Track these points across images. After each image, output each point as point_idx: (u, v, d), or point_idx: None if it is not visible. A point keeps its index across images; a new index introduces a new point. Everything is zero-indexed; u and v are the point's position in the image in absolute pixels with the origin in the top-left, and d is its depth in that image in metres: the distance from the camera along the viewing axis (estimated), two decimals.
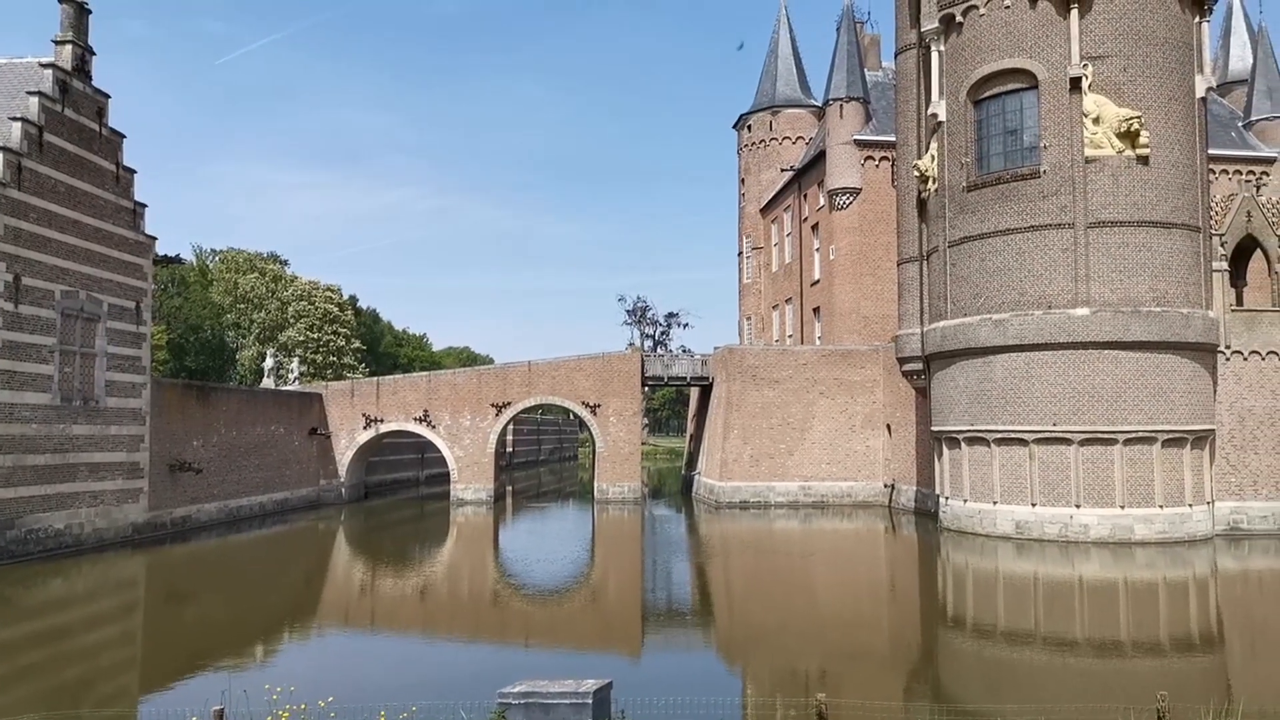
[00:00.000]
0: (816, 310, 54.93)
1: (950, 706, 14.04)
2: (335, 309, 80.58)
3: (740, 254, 67.77)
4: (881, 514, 41.00)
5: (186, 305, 74.40)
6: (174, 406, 34.46)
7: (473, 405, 46.75)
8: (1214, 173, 43.07)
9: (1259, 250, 34.08)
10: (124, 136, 31.84)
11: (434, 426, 46.69)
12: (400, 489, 56.62)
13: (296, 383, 51.91)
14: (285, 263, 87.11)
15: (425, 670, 16.22)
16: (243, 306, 77.92)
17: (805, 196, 56.83)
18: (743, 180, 65.85)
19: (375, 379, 49.53)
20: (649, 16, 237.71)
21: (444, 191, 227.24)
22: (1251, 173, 50.82)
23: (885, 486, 43.65)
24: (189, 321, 73.86)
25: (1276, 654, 17.87)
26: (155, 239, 33.57)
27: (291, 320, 77.32)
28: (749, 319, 66.75)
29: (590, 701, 9.30)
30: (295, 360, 58.01)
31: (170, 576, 27.08)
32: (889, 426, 43.51)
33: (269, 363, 50.36)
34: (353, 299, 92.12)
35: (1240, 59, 55.01)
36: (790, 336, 59.18)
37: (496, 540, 36.09)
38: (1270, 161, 51.41)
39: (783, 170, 60.22)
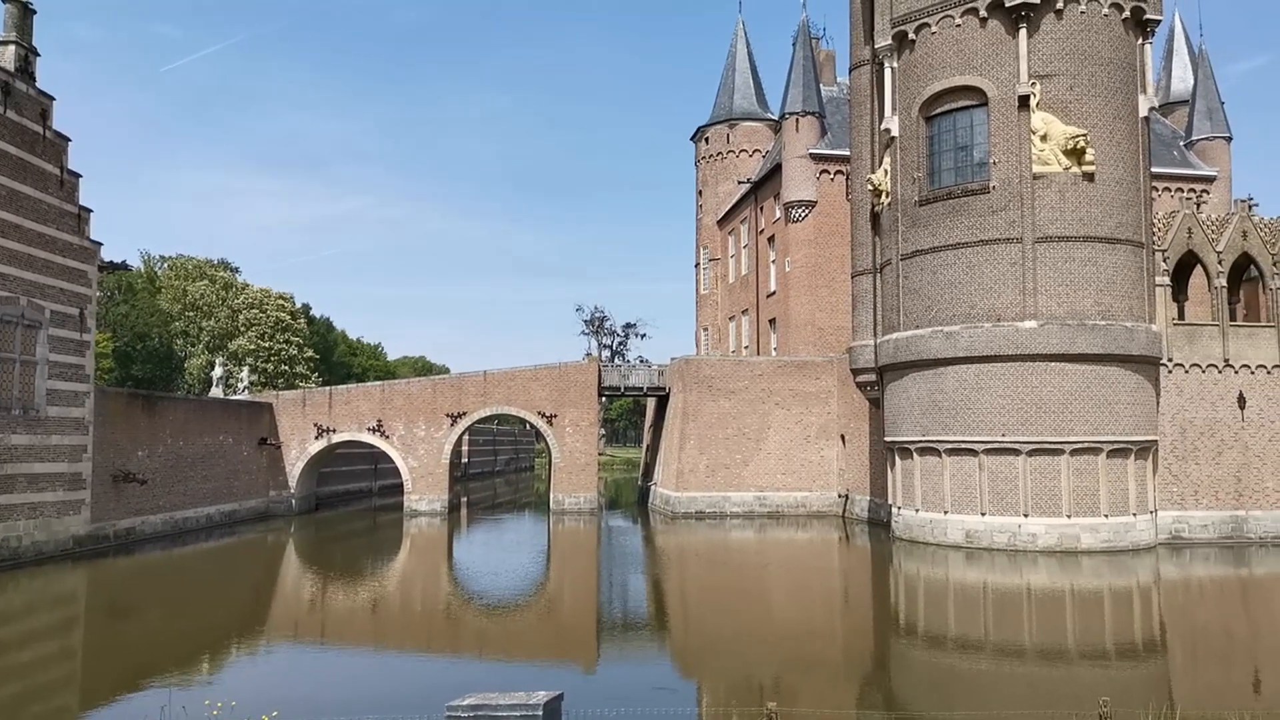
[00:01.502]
0: (772, 321, 55.36)
1: (901, 714, 14.16)
2: (287, 317, 79.37)
3: (697, 265, 68.11)
4: (836, 524, 41.34)
5: (133, 313, 72.80)
6: (118, 416, 33.65)
7: (427, 415, 46.31)
8: (1156, 190, 44.28)
9: (1199, 266, 35.06)
10: (69, 140, 31.11)
11: (388, 437, 46.15)
12: (353, 500, 55.82)
13: (246, 392, 51.01)
14: (236, 270, 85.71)
15: (375, 684, 15.97)
16: (192, 314, 76.45)
17: (761, 209, 57.33)
18: (700, 192, 66.23)
19: (328, 388, 48.84)
20: (607, 28, 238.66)
21: (400, 200, 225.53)
22: (1192, 190, 52.38)
23: (839, 496, 44.03)
24: (135, 329, 72.25)
25: (1216, 660, 18.31)
26: (101, 245, 32.81)
27: (242, 328, 76.00)
28: (706, 330, 67.05)
29: (541, 713, 9.23)
30: (245, 369, 57.01)
31: (112, 590, 26.37)
32: (843, 437, 43.93)
33: (218, 371, 49.42)
34: (305, 307, 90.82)
35: (1182, 80, 56.66)
36: (746, 347, 59.55)
37: (451, 552, 35.72)
38: (1210, 180, 52.98)
39: (740, 183, 60.69)
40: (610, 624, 21.75)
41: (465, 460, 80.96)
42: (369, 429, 46.12)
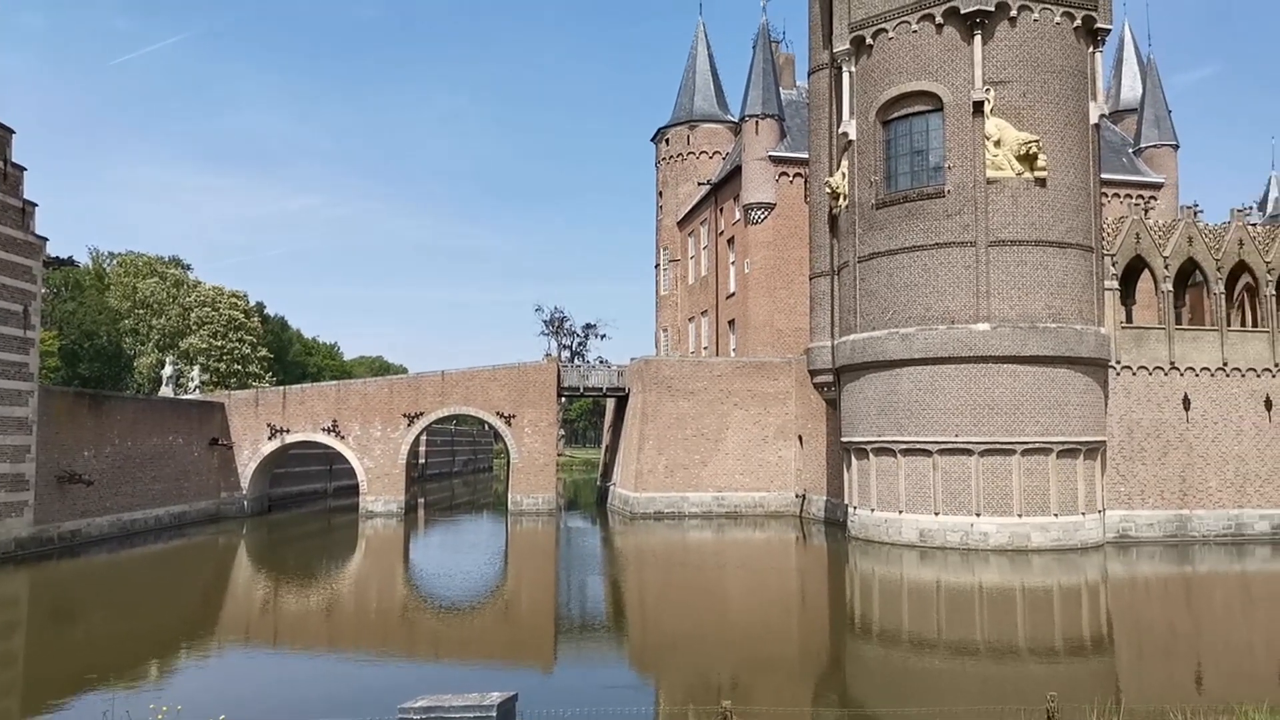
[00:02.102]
0: (732, 323, 55.61)
1: (855, 711, 14.30)
2: (241, 316, 78.02)
3: (657, 266, 68.21)
4: (793, 523, 41.64)
5: (81, 310, 71.11)
6: (63, 415, 32.82)
7: (384, 415, 45.82)
8: (1106, 196, 45.20)
9: (1146, 270, 35.88)
10: (13, 132, 30.27)
11: (343, 437, 45.58)
12: (307, 501, 55.04)
13: (197, 391, 50.06)
14: (188, 268, 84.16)
15: (327, 687, 15.76)
16: (141, 312, 74.85)
17: (721, 210, 57.58)
18: (660, 193, 66.35)
19: (282, 388, 48.11)
20: (567, 28, 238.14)
21: (358, 199, 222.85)
22: (1141, 196, 53.61)
23: (796, 496, 44.36)
24: (83, 327, 70.58)
25: (1161, 656, 18.74)
26: (46, 240, 31.98)
27: (194, 327, 74.58)
28: (666, 330, 67.17)
29: (494, 714, 9.17)
30: (197, 368, 55.91)
31: (56, 593, 25.71)
32: (800, 437, 44.26)
33: (168, 371, 48.42)
34: (259, 306, 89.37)
35: (1131, 89, 57.97)
36: (706, 348, 59.76)
37: (407, 553, 35.37)
38: (1158, 186, 54.28)
39: (699, 184, 60.90)
40: (568, 625, 21.69)
41: (422, 461, 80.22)
42: (324, 429, 45.52)
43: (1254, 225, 38.86)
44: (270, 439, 45.05)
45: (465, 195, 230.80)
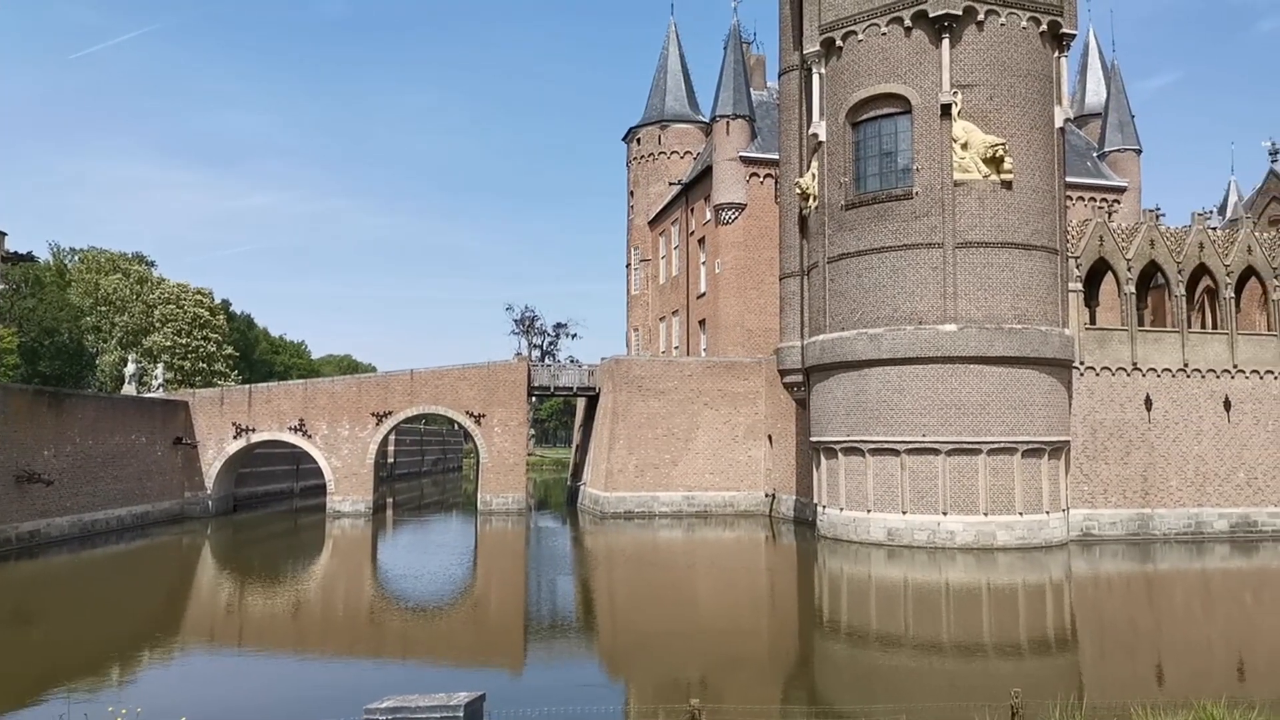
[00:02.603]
0: (702, 322, 55.72)
1: (823, 708, 14.38)
2: (206, 313, 76.87)
3: (629, 266, 68.19)
4: (762, 523, 41.81)
5: (41, 306, 69.72)
6: (22, 414, 32.18)
7: (352, 414, 45.41)
8: (1070, 199, 45.85)
9: (1110, 272, 36.43)
10: None
11: (310, 436, 45.11)
12: (273, 501, 54.41)
13: (161, 390, 49.31)
14: (152, 264, 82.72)
15: (292, 689, 15.58)
16: (104, 309, 73.52)
17: (692, 210, 57.67)
18: (631, 193, 66.33)
19: (247, 386, 47.52)
20: (540, 27, 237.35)
21: (326, 196, 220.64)
22: (1104, 200, 54.45)
23: (766, 496, 44.54)
24: (43, 324, 69.20)
25: (1123, 652, 19.03)
26: (4, 235, 31.36)
27: (158, 324, 73.39)
28: (637, 330, 67.16)
29: (461, 714, 9.11)
30: (160, 367, 55.06)
31: (14, 595, 25.18)
32: (770, 437, 44.45)
33: (131, 369, 47.63)
34: (225, 303, 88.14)
35: (1095, 94, 58.86)
36: (677, 348, 59.83)
37: (375, 554, 35.08)
38: (1121, 190, 55.14)
39: (671, 184, 60.96)
40: (537, 625, 21.61)
41: (391, 460, 79.58)
42: (290, 428, 45.02)
43: (1214, 229, 39.63)
44: (235, 438, 44.49)
45: (435, 193, 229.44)
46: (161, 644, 19.35)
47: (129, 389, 46.74)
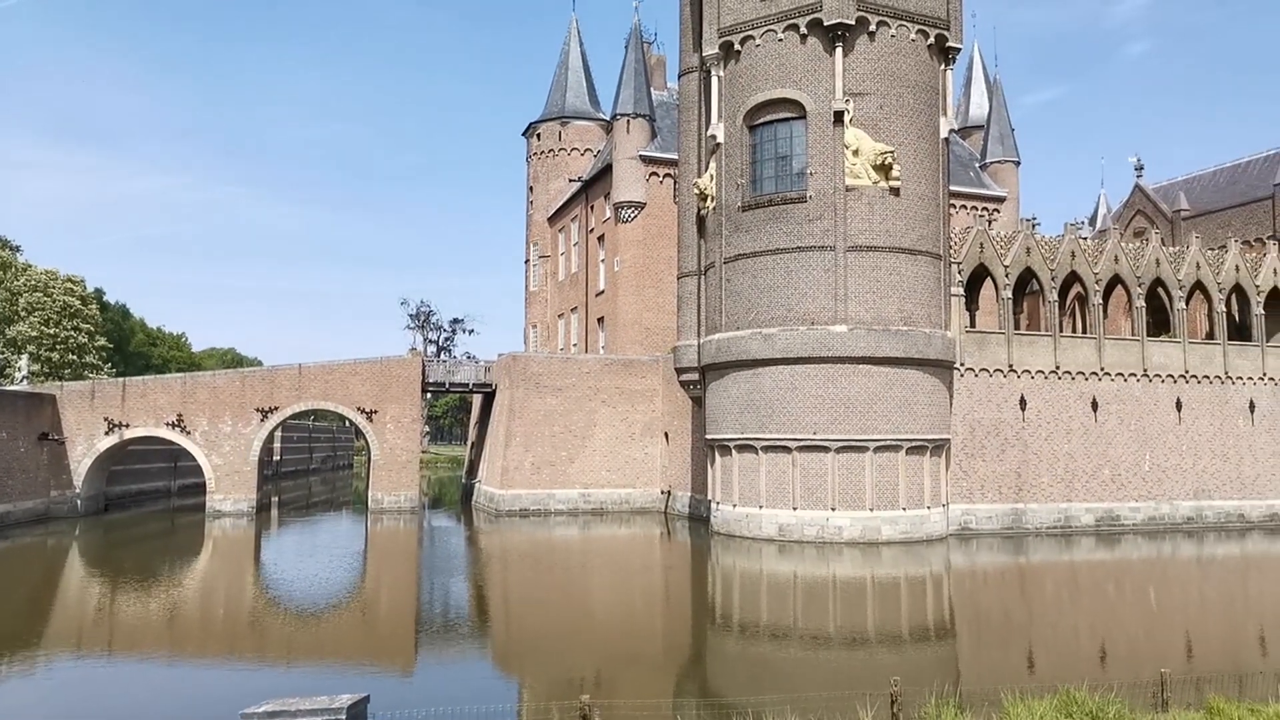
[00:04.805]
0: (601, 320, 55.79)
1: (714, 700, 14.60)
2: (77, 302, 72.63)
3: (527, 261, 67.72)
4: (658, 520, 42.14)
5: None
6: None
7: (234, 410, 43.69)
8: (954, 207, 47.83)
9: (989, 278, 38.12)
10: None
11: (189, 433, 43.20)
12: (148, 500, 51.87)
13: (26, 382, 46.40)
14: (17, 249, 77.72)
15: (166, 696, 14.88)
16: None
17: (592, 208, 57.67)
18: (531, 188, 65.90)
19: (121, 380, 45.15)
20: (441, 15, 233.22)
21: (212, 183, 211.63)
22: (985, 208, 56.95)
23: (662, 493, 44.92)
24: None
25: (996, 641, 19.95)
26: None
27: (23, 313, 69.02)
28: (535, 327, 66.77)
29: (344, 717, 8.88)
30: (25, 358, 51.81)
31: None
32: (666, 435, 44.84)
33: None
34: (99, 292, 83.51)
35: (979, 106, 61.56)
36: (575, 345, 59.74)
37: (258, 555, 33.82)
38: (1000, 200, 57.79)
39: (571, 181, 60.84)
40: (428, 626, 21.24)
41: (277, 458, 76.95)
42: (168, 424, 43.02)
43: (1085, 239, 41.91)
44: (107, 434, 42.24)
45: (327, 182, 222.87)
46: (22, 652, 18.19)
47: None
